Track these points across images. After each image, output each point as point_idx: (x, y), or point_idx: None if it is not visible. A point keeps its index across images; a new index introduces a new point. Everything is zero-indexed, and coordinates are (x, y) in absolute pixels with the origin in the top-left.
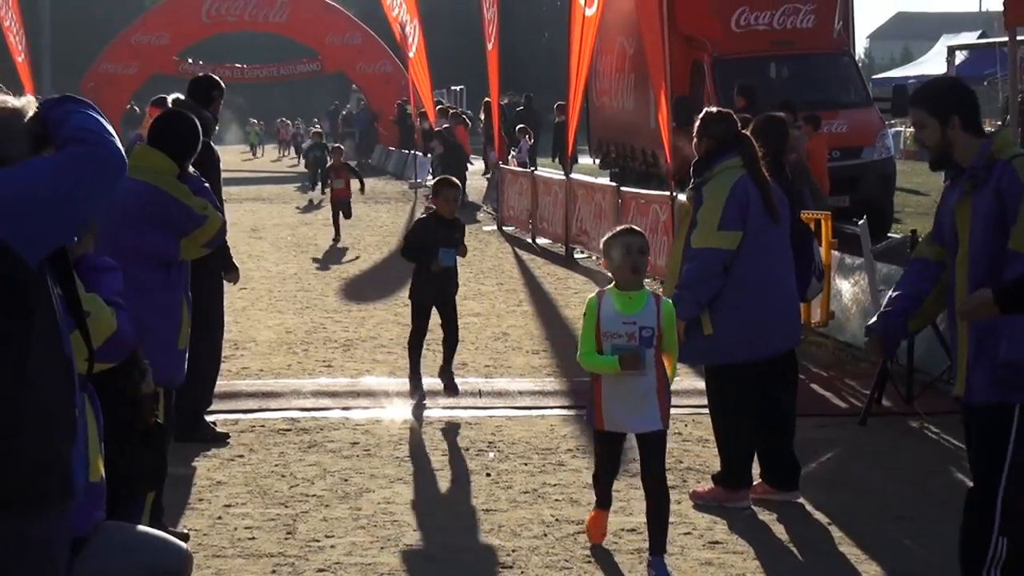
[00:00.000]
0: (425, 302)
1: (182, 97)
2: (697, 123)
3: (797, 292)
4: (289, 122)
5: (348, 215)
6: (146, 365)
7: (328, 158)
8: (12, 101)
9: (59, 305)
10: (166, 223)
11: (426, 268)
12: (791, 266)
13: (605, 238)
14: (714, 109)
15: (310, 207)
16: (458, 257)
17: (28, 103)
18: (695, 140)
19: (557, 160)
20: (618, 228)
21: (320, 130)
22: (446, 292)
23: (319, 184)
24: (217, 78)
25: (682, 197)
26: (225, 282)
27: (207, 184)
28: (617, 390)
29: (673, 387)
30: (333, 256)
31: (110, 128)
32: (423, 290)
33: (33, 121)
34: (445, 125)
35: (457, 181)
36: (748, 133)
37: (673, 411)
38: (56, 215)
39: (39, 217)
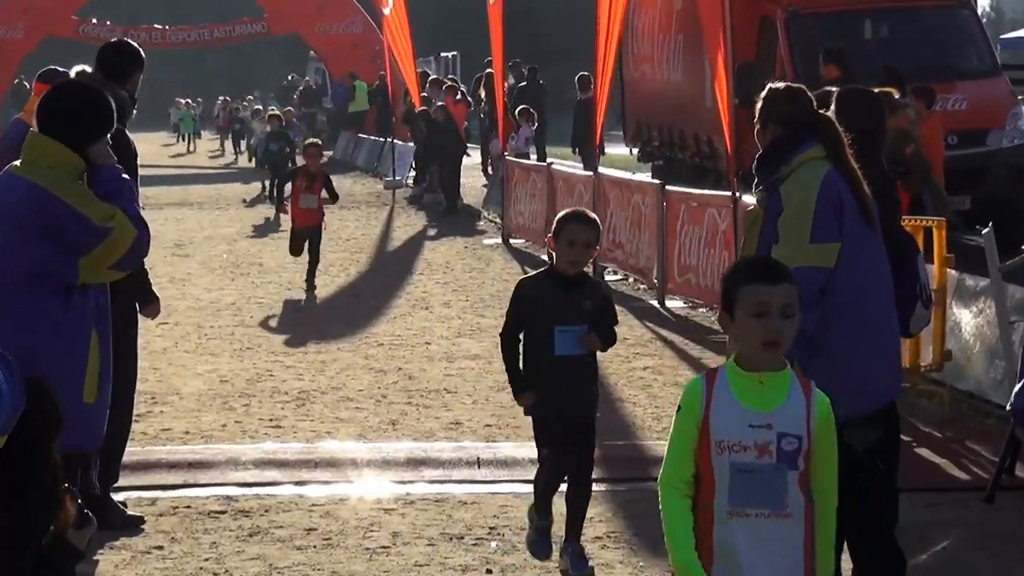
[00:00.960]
0: (549, 412)
1: (88, 70)
2: (759, 103)
3: (899, 324)
4: (228, 100)
5: (316, 253)
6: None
7: (290, 157)
8: None
9: None
10: (58, 237)
11: (543, 356)
12: (892, 289)
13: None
14: (780, 84)
15: (261, 224)
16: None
17: None
18: (757, 126)
19: (578, 151)
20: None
21: (278, 112)
22: (580, 398)
23: (277, 197)
24: (135, 45)
25: (749, 199)
26: (140, 316)
27: (131, 186)
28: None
29: None
30: (284, 279)
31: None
32: (545, 396)
33: None
34: (439, 103)
35: (593, 216)
36: (829, 113)
37: None
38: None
39: None
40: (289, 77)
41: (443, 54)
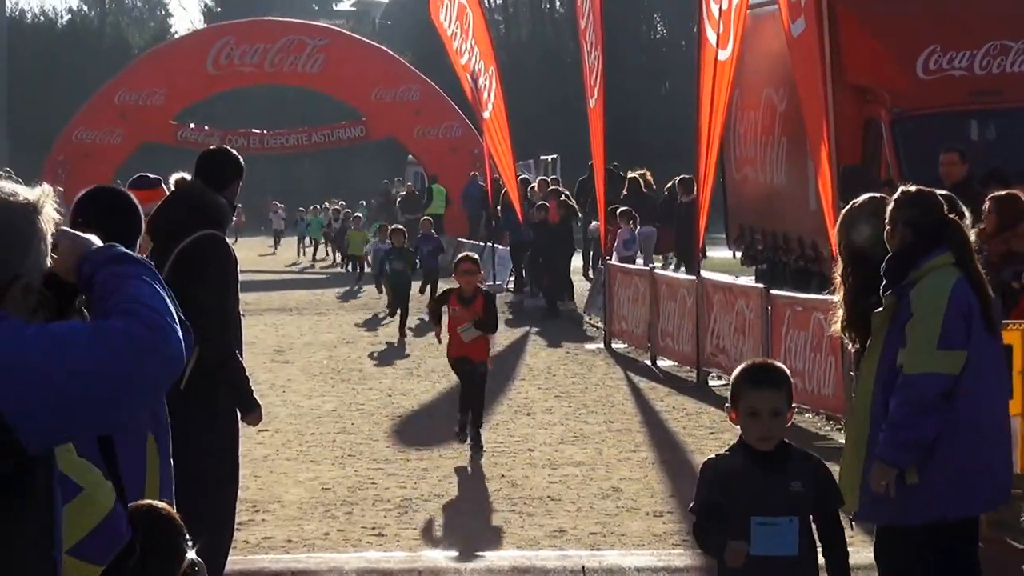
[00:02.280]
0: None
1: (187, 177)
2: (890, 207)
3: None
4: (333, 206)
5: (479, 399)
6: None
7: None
8: (21, 191)
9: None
10: None
11: None
12: (1008, 393)
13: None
14: (912, 188)
15: (369, 322)
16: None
17: (44, 195)
18: (887, 229)
19: (673, 255)
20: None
21: (400, 227)
22: None
23: (399, 316)
24: (235, 152)
25: None
26: (243, 424)
27: (167, 293)
28: None
29: None
30: (385, 385)
31: (174, 311)
32: None
33: (52, 223)
34: (541, 202)
35: (777, 369)
36: (955, 216)
37: None
38: (87, 409)
39: (65, 406)
40: (385, 180)
41: (543, 157)
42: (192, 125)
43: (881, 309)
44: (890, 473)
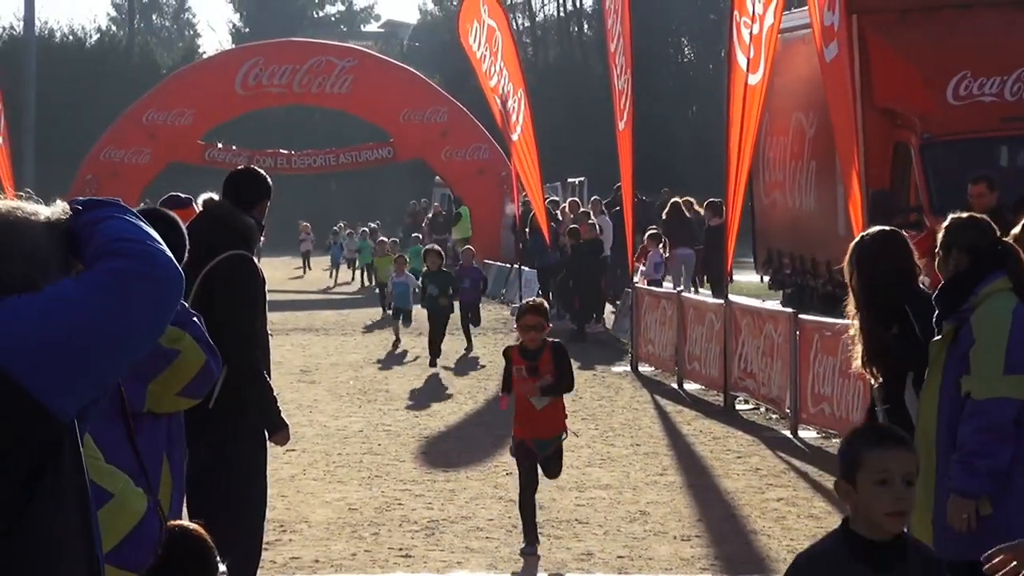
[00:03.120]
0: None
1: (215, 197)
2: (943, 233)
3: None
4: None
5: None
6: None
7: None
8: (41, 209)
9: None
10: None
11: None
12: None
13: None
14: (964, 214)
15: (387, 350)
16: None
17: (61, 211)
18: (939, 255)
19: (705, 279)
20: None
21: (437, 248)
22: None
23: (430, 345)
24: (262, 172)
25: None
26: (270, 444)
27: (197, 317)
28: None
29: None
30: (411, 406)
31: (155, 235)
32: None
33: (63, 232)
34: (572, 225)
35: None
36: (1009, 242)
37: None
38: (99, 357)
39: (77, 362)
40: (414, 201)
41: (570, 180)
42: (220, 145)
43: (939, 338)
44: (968, 505)
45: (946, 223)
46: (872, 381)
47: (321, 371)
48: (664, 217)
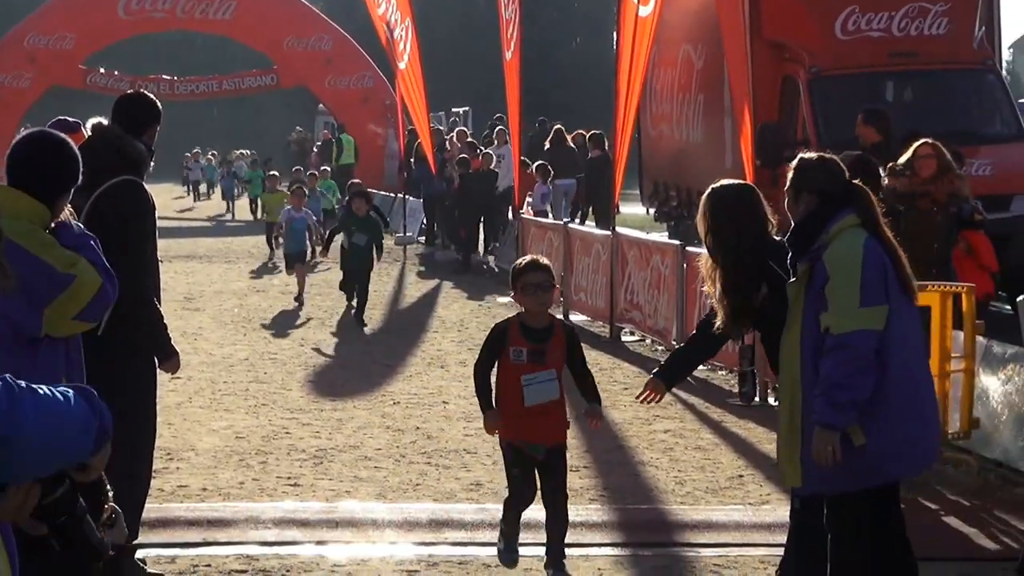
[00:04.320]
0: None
1: (104, 122)
2: (792, 174)
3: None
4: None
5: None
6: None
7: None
8: None
9: None
10: (18, 286)
11: None
12: (928, 355)
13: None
14: (813, 154)
15: (264, 270)
16: None
17: None
18: (789, 196)
19: (590, 211)
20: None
21: (361, 187)
22: None
23: (355, 303)
24: (153, 97)
25: None
26: (159, 371)
27: (94, 240)
28: None
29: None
30: (297, 335)
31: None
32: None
33: None
34: (461, 155)
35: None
36: (857, 183)
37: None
38: None
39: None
40: (297, 129)
41: (454, 109)
42: (103, 70)
43: (795, 280)
44: (832, 437)
45: (795, 163)
46: (743, 340)
47: (205, 299)
48: (547, 146)
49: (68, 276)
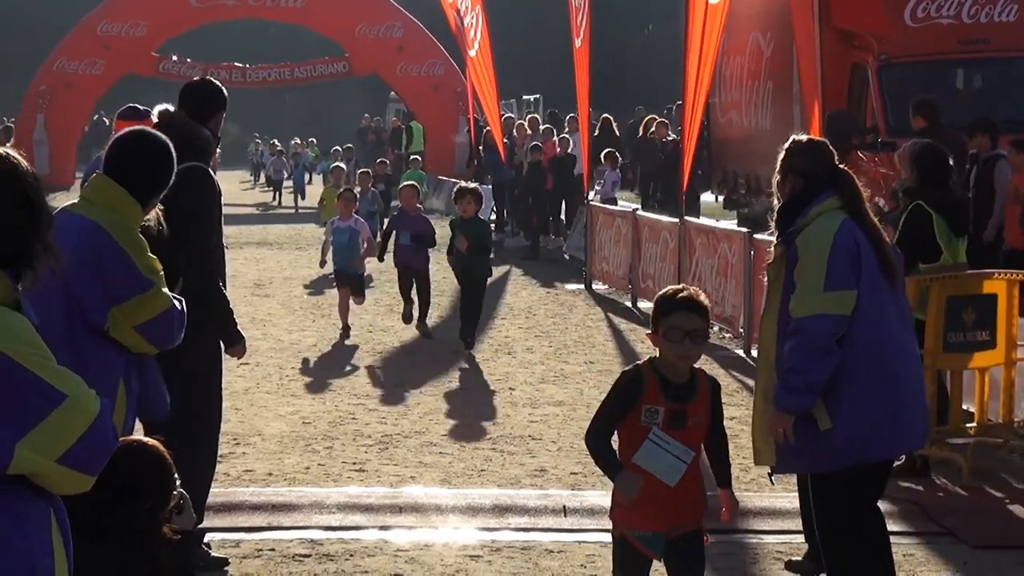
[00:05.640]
0: None
1: (171, 108)
2: (782, 155)
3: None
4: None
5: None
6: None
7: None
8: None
9: None
10: (96, 274)
11: None
12: (915, 339)
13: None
14: (803, 137)
15: None
16: None
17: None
18: (778, 177)
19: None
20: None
21: (470, 185)
22: None
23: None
24: (218, 84)
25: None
26: (225, 357)
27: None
28: None
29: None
30: (365, 322)
31: None
32: None
33: None
34: (534, 143)
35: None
36: (844, 168)
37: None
38: None
39: None
40: (364, 116)
41: (525, 97)
42: (175, 57)
43: (772, 262)
44: (784, 420)
45: (786, 145)
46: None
47: (275, 285)
48: (596, 135)
49: (148, 282)
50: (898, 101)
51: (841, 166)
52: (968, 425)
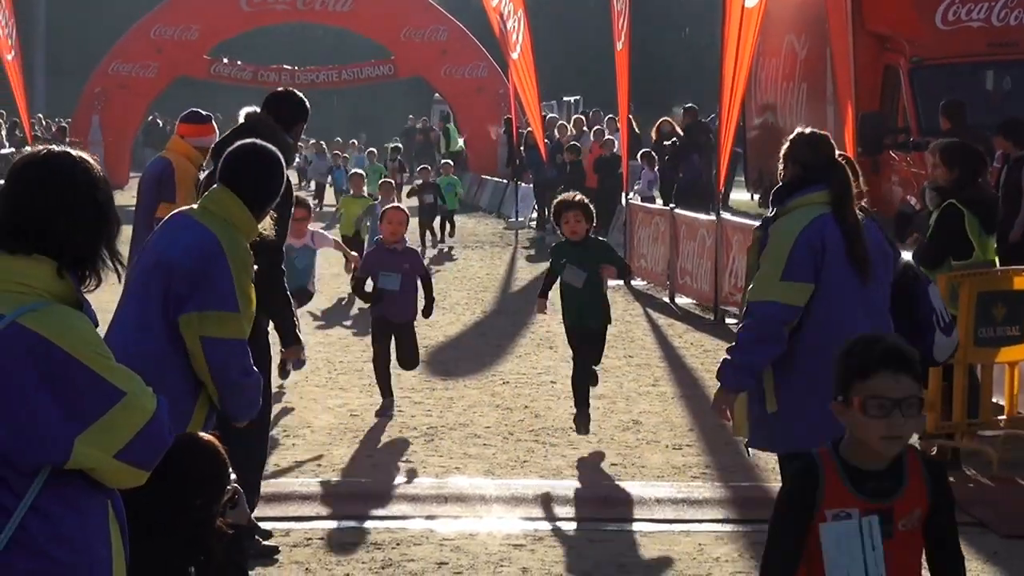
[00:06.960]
0: None
1: (258, 111)
2: (786, 144)
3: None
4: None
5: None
6: (237, 490)
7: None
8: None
9: None
10: (199, 287)
11: None
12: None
13: None
14: (808, 130)
15: None
16: None
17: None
18: (780, 166)
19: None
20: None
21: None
22: None
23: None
24: (301, 95)
25: None
26: (276, 352)
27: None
28: None
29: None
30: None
31: None
32: None
33: None
34: (572, 143)
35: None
36: (842, 161)
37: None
38: None
39: None
40: (410, 118)
41: (566, 98)
42: (226, 60)
43: (751, 245)
44: (727, 398)
45: (790, 137)
46: None
47: (323, 281)
48: None
49: (237, 305)
50: (929, 102)
51: (839, 159)
52: (998, 418)
